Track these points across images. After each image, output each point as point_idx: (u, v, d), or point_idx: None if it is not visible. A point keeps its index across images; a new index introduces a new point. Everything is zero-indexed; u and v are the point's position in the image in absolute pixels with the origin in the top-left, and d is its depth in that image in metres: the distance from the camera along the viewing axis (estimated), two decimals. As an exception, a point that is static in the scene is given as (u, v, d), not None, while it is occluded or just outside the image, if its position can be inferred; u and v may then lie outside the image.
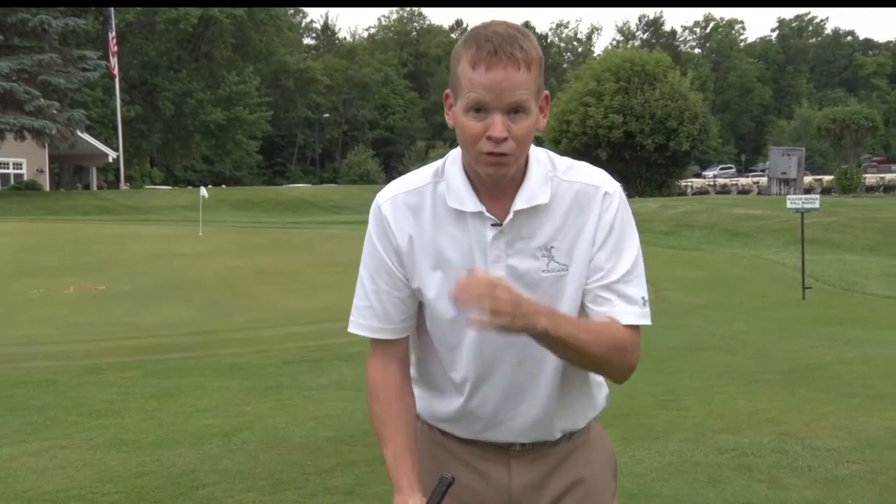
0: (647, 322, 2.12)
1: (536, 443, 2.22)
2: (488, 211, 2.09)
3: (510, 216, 2.08)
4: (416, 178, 2.18)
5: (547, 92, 2.10)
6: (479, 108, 1.99)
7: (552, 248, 2.09)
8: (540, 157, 2.14)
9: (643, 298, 2.13)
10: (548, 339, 1.98)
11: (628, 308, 2.10)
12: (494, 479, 2.23)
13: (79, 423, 7.13)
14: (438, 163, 2.19)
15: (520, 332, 1.93)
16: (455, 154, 2.16)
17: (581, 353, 2.04)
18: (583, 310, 2.14)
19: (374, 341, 2.22)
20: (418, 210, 2.14)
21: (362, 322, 2.21)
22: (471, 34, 2.03)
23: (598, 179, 2.14)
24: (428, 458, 2.28)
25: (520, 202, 2.08)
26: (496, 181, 2.06)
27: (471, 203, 2.09)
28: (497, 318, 1.87)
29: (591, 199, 2.11)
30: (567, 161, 2.18)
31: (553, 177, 2.12)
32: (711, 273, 17.67)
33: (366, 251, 2.19)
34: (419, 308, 2.22)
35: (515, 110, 1.98)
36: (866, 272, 18.42)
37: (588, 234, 2.10)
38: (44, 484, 5.61)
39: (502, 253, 2.09)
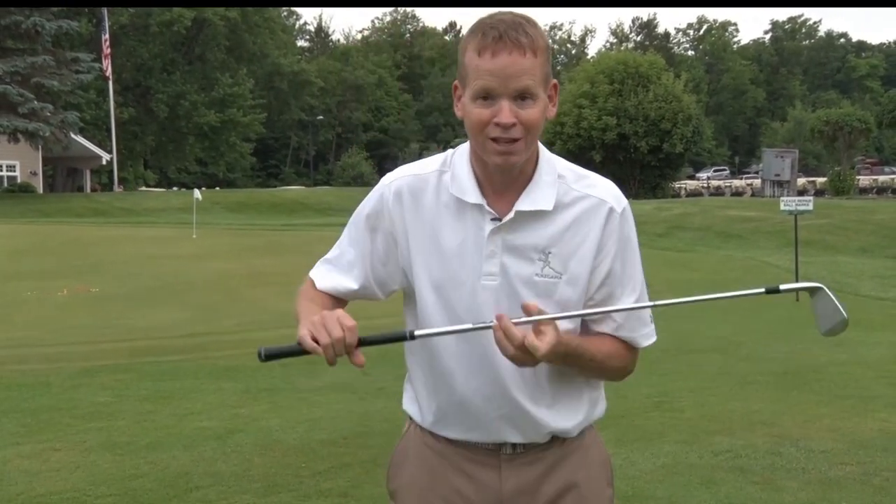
0: (654, 339, 2.23)
1: (527, 445, 2.20)
2: (492, 206, 2.09)
3: (511, 215, 2.08)
4: (424, 165, 2.20)
5: (556, 81, 2.10)
6: (486, 95, 1.99)
7: (549, 253, 2.09)
8: (550, 159, 2.15)
9: (650, 316, 2.20)
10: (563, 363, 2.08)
11: (640, 331, 2.19)
12: (485, 483, 2.21)
13: (72, 426, 7.12)
14: (448, 153, 2.20)
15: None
16: (464, 147, 2.16)
17: (590, 372, 2.16)
18: (584, 326, 2.17)
19: (322, 279, 2.32)
20: (420, 195, 2.15)
21: (322, 268, 2.33)
22: (477, 23, 2.04)
23: (606, 194, 2.13)
24: (419, 462, 2.27)
25: (524, 203, 2.08)
26: (504, 172, 2.06)
27: (473, 195, 2.09)
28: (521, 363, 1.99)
29: (597, 213, 2.11)
30: (579, 170, 2.18)
31: (562, 183, 2.12)
32: (705, 275, 17.69)
33: (354, 219, 2.26)
34: (412, 306, 2.21)
35: (523, 96, 1.99)
36: (859, 274, 18.46)
37: (588, 247, 2.10)
38: (37, 486, 5.59)
39: (498, 249, 2.09)
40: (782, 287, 2.04)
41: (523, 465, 2.21)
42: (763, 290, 2.07)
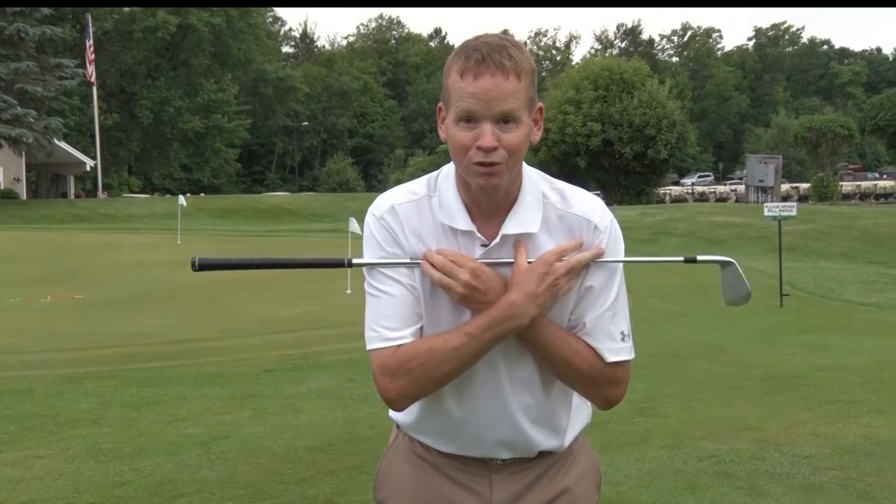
0: (624, 357, 2.14)
1: (516, 458, 2.22)
2: (479, 230, 2.09)
3: (497, 239, 2.07)
4: (412, 189, 2.16)
5: (541, 105, 2.09)
6: (468, 118, 1.98)
7: None
8: (534, 179, 2.14)
9: (622, 333, 2.13)
10: (531, 343, 2.07)
11: (608, 345, 2.12)
12: (476, 492, 2.22)
13: (56, 433, 7.08)
14: (432, 175, 2.17)
15: (482, 308, 2.03)
16: (448, 169, 2.15)
17: (565, 369, 2.11)
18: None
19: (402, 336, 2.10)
20: (412, 219, 2.12)
21: (389, 334, 2.08)
22: (461, 45, 2.03)
23: (590, 212, 2.12)
24: (409, 468, 2.28)
25: (509, 226, 2.08)
26: (488, 194, 2.05)
27: (462, 221, 2.08)
28: (464, 294, 2.01)
29: (582, 230, 2.10)
30: (562, 187, 2.16)
31: (547, 203, 2.11)
32: (690, 280, 17.71)
33: (369, 273, 2.12)
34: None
35: (506, 120, 1.97)
36: (843, 279, 18.54)
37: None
38: (20, 494, 5.57)
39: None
40: (699, 258, 2.21)
41: (513, 473, 2.22)
42: (682, 258, 2.23)
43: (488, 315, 2.02)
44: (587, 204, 2.14)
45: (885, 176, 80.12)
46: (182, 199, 29.53)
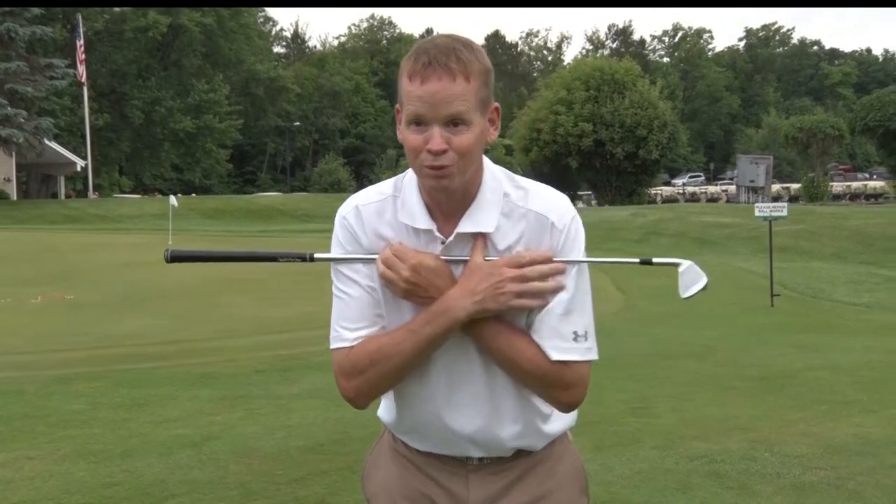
0: (573, 357, 2.07)
1: (492, 458, 2.21)
2: (439, 229, 2.09)
3: (451, 237, 2.07)
4: (380, 189, 2.18)
5: (497, 104, 2.07)
6: (418, 121, 1.98)
7: None
8: (497, 177, 2.12)
9: (574, 333, 2.07)
10: (476, 340, 2.07)
11: (555, 343, 2.06)
12: (453, 492, 2.22)
13: (46, 434, 7.06)
14: (400, 176, 2.18)
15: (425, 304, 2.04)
16: (413, 172, 2.15)
17: (512, 368, 2.08)
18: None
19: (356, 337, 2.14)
20: (380, 218, 2.13)
21: (347, 334, 2.12)
22: (413, 48, 2.03)
23: (550, 209, 2.09)
24: (393, 466, 2.30)
25: (465, 224, 2.07)
26: (446, 194, 2.05)
27: (422, 220, 2.09)
28: (406, 288, 2.03)
29: (541, 229, 2.08)
30: (525, 184, 2.14)
31: (507, 202, 2.09)
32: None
33: (334, 267, 2.16)
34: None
35: (455, 122, 1.96)
36: (833, 279, 18.59)
37: None
38: (10, 495, 5.55)
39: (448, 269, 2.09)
40: (655, 260, 2.16)
41: (490, 475, 2.22)
42: (638, 260, 2.17)
43: (427, 310, 2.04)
44: (548, 202, 2.11)
45: (875, 176, 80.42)
46: (173, 200, 29.44)
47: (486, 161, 2.12)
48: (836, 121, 52.14)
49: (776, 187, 61.08)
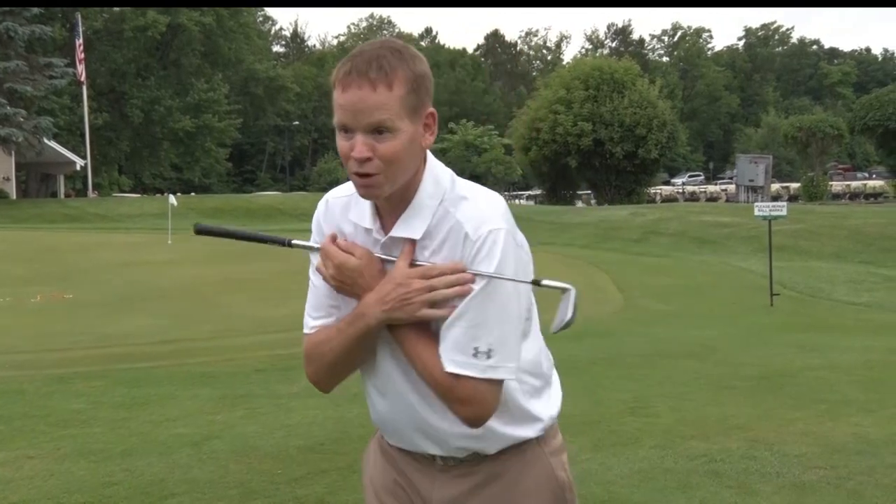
0: (469, 373, 2.01)
1: (455, 458, 2.20)
2: (383, 228, 2.12)
3: (384, 239, 2.11)
4: (347, 187, 2.21)
5: (433, 110, 2.05)
6: (344, 129, 1.99)
7: None
8: (441, 184, 2.10)
9: (476, 349, 2.01)
10: (400, 342, 2.10)
11: (453, 355, 2.02)
12: (419, 490, 2.26)
13: (46, 433, 7.06)
14: None
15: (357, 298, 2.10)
16: None
17: (415, 370, 2.10)
18: None
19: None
20: (339, 215, 2.20)
21: (310, 322, 2.25)
22: (347, 55, 2.05)
23: (469, 219, 2.04)
24: (380, 458, 2.37)
25: (398, 229, 2.09)
26: (384, 200, 2.08)
27: (367, 220, 2.13)
28: (334, 285, 2.12)
29: (457, 239, 2.04)
30: (465, 192, 2.09)
31: (441, 208, 2.07)
32: (681, 280, 17.76)
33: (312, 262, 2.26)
34: None
35: (379, 130, 1.96)
36: (833, 279, 18.60)
37: None
38: (10, 495, 5.55)
39: (384, 268, 2.12)
40: (544, 282, 2.07)
41: (455, 477, 2.22)
42: (530, 281, 2.09)
43: (351, 311, 2.11)
44: (473, 211, 2.05)
45: (874, 176, 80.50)
46: (172, 199, 29.48)
47: (434, 165, 2.11)
48: (836, 120, 52.24)
49: (775, 187, 61.14)
